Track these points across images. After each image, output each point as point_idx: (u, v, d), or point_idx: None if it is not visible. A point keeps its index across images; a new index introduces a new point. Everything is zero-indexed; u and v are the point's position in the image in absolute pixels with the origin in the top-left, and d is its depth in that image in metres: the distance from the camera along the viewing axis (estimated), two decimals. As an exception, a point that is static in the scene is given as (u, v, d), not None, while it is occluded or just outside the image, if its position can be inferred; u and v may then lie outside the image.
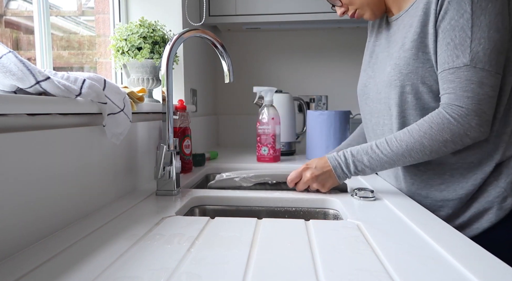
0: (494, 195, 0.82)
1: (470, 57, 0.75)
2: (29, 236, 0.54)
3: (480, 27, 0.74)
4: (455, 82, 0.76)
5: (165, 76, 0.85)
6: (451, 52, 0.77)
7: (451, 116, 0.77)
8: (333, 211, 0.84)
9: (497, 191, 0.82)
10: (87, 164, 0.70)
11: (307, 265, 0.48)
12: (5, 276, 0.45)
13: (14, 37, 0.98)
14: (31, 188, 0.55)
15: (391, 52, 0.91)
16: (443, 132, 0.77)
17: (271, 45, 2.05)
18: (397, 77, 0.85)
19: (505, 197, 0.81)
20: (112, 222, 0.66)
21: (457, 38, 0.76)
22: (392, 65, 0.88)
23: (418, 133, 0.79)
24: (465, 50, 0.75)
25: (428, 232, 0.60)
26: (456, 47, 0.76)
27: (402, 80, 0.85)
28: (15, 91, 0.57)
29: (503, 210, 0.81)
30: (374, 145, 0.84)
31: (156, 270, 0.46)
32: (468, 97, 0.75)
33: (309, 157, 1.47)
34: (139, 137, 0.95)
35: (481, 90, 0.75)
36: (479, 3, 0.74)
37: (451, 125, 0.77)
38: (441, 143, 0.78)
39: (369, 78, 0.99)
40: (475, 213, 0.84)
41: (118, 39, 1.14)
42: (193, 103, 1.57)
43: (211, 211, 0.87)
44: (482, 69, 0.74)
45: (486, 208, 0.83)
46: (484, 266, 0.48)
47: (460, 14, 0.75)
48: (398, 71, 0.85)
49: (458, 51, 0.76)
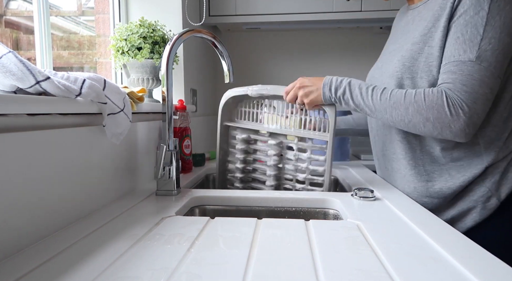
0: (478, 194, 0.82)
1: (477, 54, 0.74)
2: (29, 236, 0.54)
3: (494, 27, 0.73)
4: (457, 74, 0.75)
5: (165, 76, 0.85)
6: (459, 46, 0.76)
7: (447, 101, 0.75)
8: (333, 211, 0.84)
9: (481, 191, 0.82)
10: (87, 164, 0.70)
11: (307, 265, 0.48)
12: (5, 276, 0.45)
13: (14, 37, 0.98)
14: (31, 188, 0.55)
15: (402, 44, 0.90)
16: (431, 111, 0.76)
17: (271, 45, 2.05)
18: (399, 69, 0.85)
19: (489, 196, 0.81)
20: (112, 222, 0.66)
21: (468, 33, 0.75)
22: (398, 57, 0.87)
23: (410, 98, 0.78)
24: (474, 47, 0.74)
25: (428, 232, 0.60)
26: (465, 42, 0.75)
27: (403, 72, 0.84)
28: (15, 91, 0.57)
29: (487, 210, 0.82)
30: (371, 88, 0.84)
31: (156, 270, 0.46)
32: (466, 92, 0.74)
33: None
34: (139, 137, 0.95)
35: (480, 89, 0.74)
36: (498, 3, 0.73)
37: (441, 108, 0.75)
38: (423, 119, 0.77)
39: (376, 69, 0.99)
40: (459, 212, 0.84)
41: (118, 39, 1.14)
42: (193, 103, 1.57)
43: (211, 211, 0.87)
44: (486, 68, 0.73)
45: (470, 207, 0.83)
46: (483, 266, 0.48)
47: (476, 10, 0.74)
48: (402, 63, 0.85)
49: (466, 46, 0.75)
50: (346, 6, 1.66)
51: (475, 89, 0.74)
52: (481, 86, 0.74)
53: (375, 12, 1.64)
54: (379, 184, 1.00)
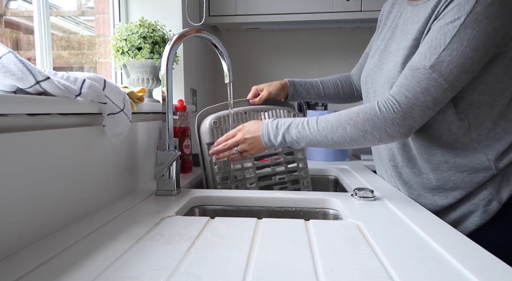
0: (480, 198, 0.82)
1: (433, 63, 0.73)
2: (29, 236, 0.54)
3: (461, 39, 0.72)
4: (408, 79, 0.76)
5: (165, 76, 0.85)
6: (424, 51, 0.75)
7: (379, 109, 0.77)
8: (333, 211, 0.84)
9: (483, 194, 0.81)
10: (87, 164, 0.70)
11: (307, 265, 0.48)
12: (5, 276, 0.45)
13: (14, 37, 0.98)
14: (31, 188, 0.55)
15: (397, 47, 0.88)
16: (366, 123, 0.78)
17: (271, 45, 2.05)
18: (394, 76, 0.84)
19: (490, 200, 0.81)
20: (112, 222, 0.66)
21: (436, 40, 0.74)
22: (394, 63, 0.86)
23: (345, 118, 0.80)
24: (433, 55, 0.74)
25: (428, 232, 0.60)
26: (430, 49, 0.75)
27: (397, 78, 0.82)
28: (15, 91, 0.57)
29: (488, 213, 0.81)
30: (306, 121, 0.86)
31: (156, 270, 0.46)
32: (407, 97, 0.75)
33: (309, 157, 1.48)
34: (139, 137, 0.95)
35: (422, 97, 0.74)
36: (476, 15, 0.71)
37: (375, 117, 0.77)
38: (362, 132, 0.79)
39: (374, 67, 0.97)
40: (460, 215, 0.84)
41: (118, 39, 1.14)
42: (193, 103, 1.57)
43: (211, 211, 0.87)
44: (435, 79, 0.73)
45: (471, 211, 0.83)
46: (483, 266, 0.48)
47: (453, 19, 0.73)
48: (397, 70, 0.84)
49: (428, 53, 0.74)
50: (346, 6, 1.65)
51: (416, 96, 0.74)
52: (423, 94, 0.74)
53: (375, 12, 1.64)
54: (379, 184, 1.00)
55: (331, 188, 1.26)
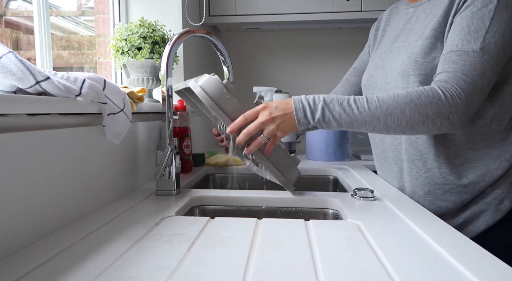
0: (491, 197, 0.81)
1: (481, 46, 0.72)
2: (29, 236, 0.54)
3: (499, 21, 0.73)
4: (458, 64, 0.73)
5: (165, 76, 0.85)
6: (463, 37, 0.75)
7: (443, 93, 0.72)
8: (333, 211, 0.84)
9: (494, 193, 0.81)
10: (87, 164, 0.70)
11: (307, 265, 0.48)
12: (5, 276, 0.45)
13: (14, 37, 0.98)
14: (31, 188, 0.55)
15: (409, 41, 0.88)
16: (429, 106, 0.72)
17: (271, 45, 2.05)
18: (411, 66, 0.83)
19: (502, 199, 0.80)
20: (112, 222, 0.66)
21: (474, 25, 0.74)
22: (408, 54, 0.85)
23: (404, 99, 0.73)
24: (478, 39, 0.73)
25: (428, 232, 0.60)
26: (470, 34, 0.74)
27: (416, 69, 0.82)
28: (15, 91, 0.57)
29: (499, 212, 0.81)
30: (352, 99, 0.75)
31: (156, 270, 0.46)
32: (466, 81, 0.72)
33: (309, 157, 1.48)
34: (139, 137, 0.95)
35: (479, 81, 0.72)
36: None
37: (439, 102, 0.72)
38: (422, 117, 0.72)
39: (376, 68, 0.96)
40: (471, 215, 0.83)
41: (118, 39, 1.14)
42: (193, 103, 1.57)
43: (211, 211, 0.87)
44: (488, 61, 0.72)
45: (482, 210, 0.82)
46: (484, 266, 0.48)
47: (484, 3, 0.74)
48: (414, 60, 0.83)
49: (471, 37, 0.74)
50: (346, 6, 1.66)
51: (474, 80, 0.72)
52: (481, 78, 0.72)
53: (375, 12, 1.64)
54: (379, 184, 1.00)
55: (331, 188, 1.26)
